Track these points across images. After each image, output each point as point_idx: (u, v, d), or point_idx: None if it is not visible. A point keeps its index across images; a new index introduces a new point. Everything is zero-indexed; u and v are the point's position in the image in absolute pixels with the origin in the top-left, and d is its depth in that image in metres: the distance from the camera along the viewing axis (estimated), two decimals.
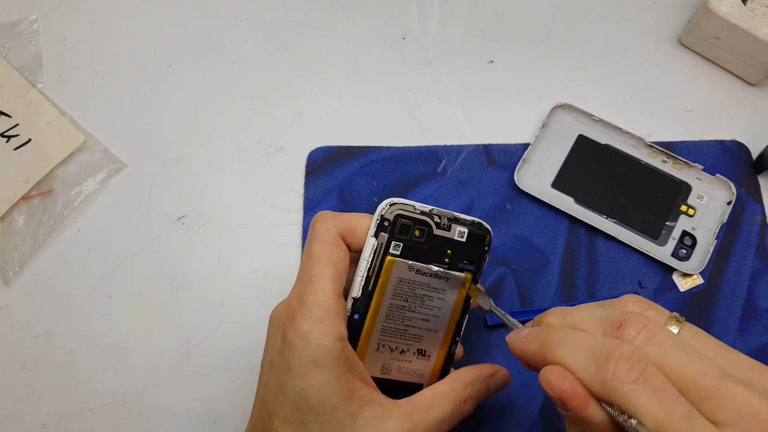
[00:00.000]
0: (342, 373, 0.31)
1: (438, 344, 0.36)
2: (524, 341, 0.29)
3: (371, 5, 0.56)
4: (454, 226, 0.35)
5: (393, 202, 0.34)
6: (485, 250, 0.36)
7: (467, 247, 0.35)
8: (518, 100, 0.53)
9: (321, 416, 0.30)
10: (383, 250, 0.34)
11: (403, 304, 0.35)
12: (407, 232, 0.34)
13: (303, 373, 0.31)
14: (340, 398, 0.31)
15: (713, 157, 0.50)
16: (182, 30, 0.56)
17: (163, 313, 0.47)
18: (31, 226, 0.49)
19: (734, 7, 0.48)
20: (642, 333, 0.25)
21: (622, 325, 0.26)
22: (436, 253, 0.35)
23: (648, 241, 0.47)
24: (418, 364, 0.36)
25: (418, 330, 0.36)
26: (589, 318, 0.28)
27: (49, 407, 0.45)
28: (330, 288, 0.32)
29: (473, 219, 0.36)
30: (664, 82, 0.53)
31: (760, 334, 0.45)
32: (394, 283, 0.34)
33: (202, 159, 0.52)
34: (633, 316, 0.26)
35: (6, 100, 0.52)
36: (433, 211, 0.35)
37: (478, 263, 0.36)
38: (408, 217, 0.34)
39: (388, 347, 0.35)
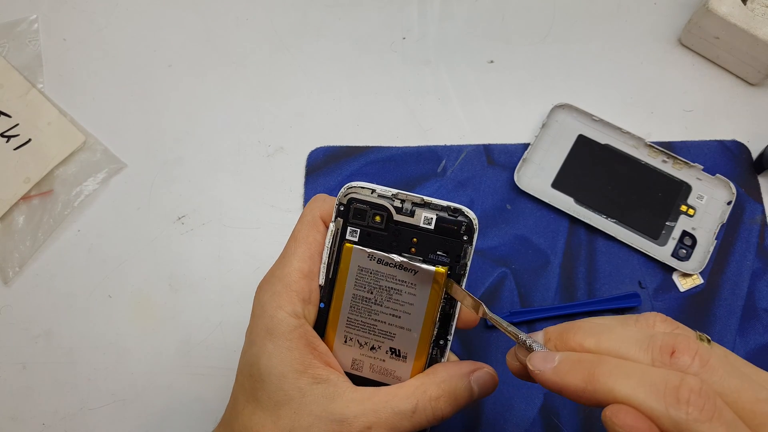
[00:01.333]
0: (294, 347, 0.30)
1: (414, 345, 0.33)
2: (562, 374, 0.26)
3: (371, 5, 0.56)
4: (419, 211, 0.31)
5: (350, 185, 0.32)
6: (463, 240, 0.31)
7: (437, 235, 0.31)
8: (518, 100, 0.53)
9: (268, 385, 0.30)
10: (339, 236, 0.32)
11: (367, 296, 0.32)
12: (363, 217, 0.32)
13: (257, 341, 0.31)
14: (289, 370, 0.30)
15: (713, 157, 0.50)
16: (182, 30, 0.56)
17: (163, 313, 0.47)
18: (31, 226, 0.49)
19: (734, 7, 0.48)
20: (696, 360, 0.24)
21: (675, 352, 0.24)
22: (400, 241, 0.31)
23: (648, 241, 0.47)
24: (393, 364, 0.33)
25: (387, 326, 0.33)
26: (628, 341, 0.26)
27: (49, 407, 0.45)
28: (296, 266, 0.32)
29: (448, 204, 0.31)
30: (664, 82, 0.53)
31: (760, 334, 0.45)
32: (355, 273, 0.32)
33: (202, 159, 0.52)
34: (683, 341, 0.25)
35: (6, 100, 0.52)
36: (397, 195, 0.31)
37: (455, 255, 0.31)
38: (363, 201, 0.32)
39: (357, 341, 0.33)
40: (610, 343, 0.26)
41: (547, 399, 0.44)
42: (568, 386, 0.26)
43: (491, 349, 0.45)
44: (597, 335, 0.27)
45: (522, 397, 0.44)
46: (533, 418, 0.43)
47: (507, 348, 0.45)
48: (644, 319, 0.28)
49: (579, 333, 0.27)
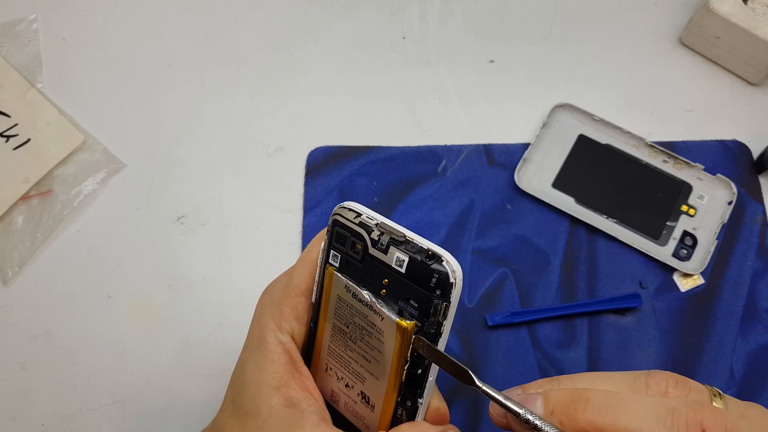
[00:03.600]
0: (276, 362, 0.30)
1: (381, 396, 0.29)
2: None
3: (371, 5, 0.56)
4: (392, 249, 0.27)
5: (341, 206, 0.29)
6: (436, 294, 0.26)
7: (407, 281, 0.26)
8: (518, 100, 0.52)
9: (244, 392, 0.30)
10: (325, 257, 0.29)
11: (344, 329, 0.29)
12: (344, 242, 0.28)
13: (250, 347, 0.31)
14: (264, 383, 0.30)
15: (714, 157, 0.50)
16: (182, 30, 0.56)
17: (163, 313, 0.47)
18: (30, 226, 0.49)
19: (735, 7, 0.48)
20: None
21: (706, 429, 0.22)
22: (373, 277, 0.28)
23: (648, 241, 0.47)
24: (363, 409, 0.30)
25: (360, 367, 0.29)
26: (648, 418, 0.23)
27: (49, 407, 0.45)
28: (296, 280, 0.31)
29: (428, 247, 0.26)
30: (665, 82, 0.53)
31: (761, 335, 0.45)
32: (335, 300, 0.29)
33: (202, 159, 0.51)
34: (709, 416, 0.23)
35: (5, 99, 0.52)
36: (380, 225, 0.27)
37: (425, 310, 0.26)
38: (344, 226, 0.28)
39: (335, 373, 0.31)
40: (628, 420, 0.23)
41: None
42: None
43: (492, 348, 0.45)
44: (612, 411, 0.24)
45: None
46: None
47: (508, 348, 0.45)
48: (655, 382, 0.25)
49: (589, 409, 0.24)
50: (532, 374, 0.44)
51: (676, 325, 0.45)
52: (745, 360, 0.44)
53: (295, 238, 0.49)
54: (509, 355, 0.45)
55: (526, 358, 0.44)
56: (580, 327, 0.45)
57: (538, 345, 0.45)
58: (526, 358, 0.44)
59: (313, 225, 0.49)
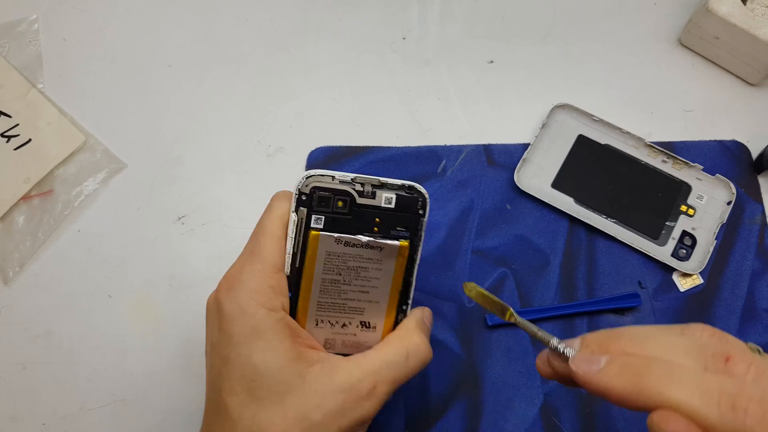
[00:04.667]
0: (284, 338, 0.31)
1: (382, 315, 0.35)
2: (609, 376, 0.25)
3: (371, 5, 0.56)
4: (379, 192, 0.33)
5: (309, 174, 0.33)
6: (420, 215, 0.34)
7: (398, 213, 0.34)
8: (518, 100, 0.53)
9: (267, 379, 0.30)
10: (304, 225, 0.33)
11: (336, 278, 0.34)
12: (327, 203, 0.33)
13: (245, 341, 0.31)
14: (285, 360, 0.31)
15: (713, 157, 0.50)
16: (182, 30, 0.56)
17: (163, 313, 0.47)
18: (31, 226, 0.49)
19: (734, 7, 0.48)
20: (752, 369, 0.23)
21: (731, 359, 0.24)
22: (363, 222, 0.34)
23: (648, 241, 0.47)
24: (364, 336, 0.36)
25: (357, 303, 0.35)
26: (676, 348, 0.25)
27: (49, 407, 0.45)
28: (270, 261, 0.32)
29: (403, 182, 0.34)
30: (664, 82, 0.53)
31: (760, 335, 0.45)
32: (323, 258, 0.34)
33: (202, 159, 0.52)
34: (737, 349, 0.24)
35: (6, 100, 0.52)
36: (355, 180, 0.33)
37: (414, 229, 0.34)
38: (326, 189, 0.33)
39: (328, 322, 0.35)
40: (657, 349, 0.25)
41: (547, 399, 0.44)
42: (613, 389, 0.24)
43: (492, 348, 0.45)
44: (641, 342, 0.26)
45: (522, 397, 0.44)
46: (534, 418, 0.43)
47: (508, 348, 0.45)
48: (690, 330, 0.26)
49: (621, 340, 0.26)
50: (532, 374, 0.44)
51: None
52: None
53: None
54: (509, 355, 0.45)
55: (525, 358, 0.45)
56: (579, 327, 0.45)
57: (537, 345, 0.45)
58: (525, 358, 0.45)
59: None
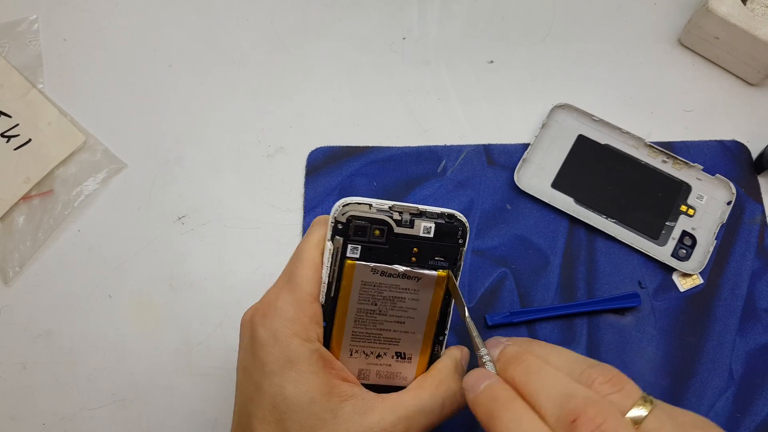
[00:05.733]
0: (318, 370, 0.30)
1: (419, 346, 0.34)
2: (475, 403, 0.28)
3: (371, 5, 0.56)
4: (417, 221, 0.32)
5: (346, 203, 0.32)
6: (459, 244, 0.33)
7: (436, 242, 0.32)
8: (518, 100, 0.53)
9: (299, 413, 0.30)
10: (340, 255, 0.32)
11: (372, 308, 0.33)
12: (364, 233, 0.32)
13: (278, 371, 0.30)
14: (317, 394, 0.30)
15: (713, 157, 0.50)
16: (182, 30, 0.56)
17: (163, 313, 0.47)
18: (31, 226, 0.49)
19: (734, 7, 0.48)
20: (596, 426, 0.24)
21: (577, 421, 0.24)
22: (401, 252, 0.32)
23: (648, 241, 0.47)
24: (399, 367, 0.35)
25: (392, 333, 0.34)
26: (551, 392, 0.26)
27: (49, 407, 0.45)
28: (306, 289, 0.32)
29: (442, 211, 0.32)
30: (664, 82, 0.53)
31: (760, 335, 0.45)
32: (358, 288, 0.33)
33: (202, 159, 0.52)
34: (592, 411, 0.24)
35: (6, 100, 0.52)
36: (393, 208, 0.32)
37: (453, 259, 0.33)
38: (363, 218, 0.32)
39: (363, 353, 0.34)
40: (536, 387, 0.27)
41: None
42: (476, 415, 0.28)
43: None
44: (531, 376, 0.27)
45: None
46: None
47: None
48: (588, 374, 0.27)
49: (519, 368, 0.28)
50: None
51: (675, 324, 0.45)
52: (744, 360, 0.44)
53: (295, 238, 0.49)
54: None
55: None
56: (579, 327, 0.45)
57: None
58: None
59: None
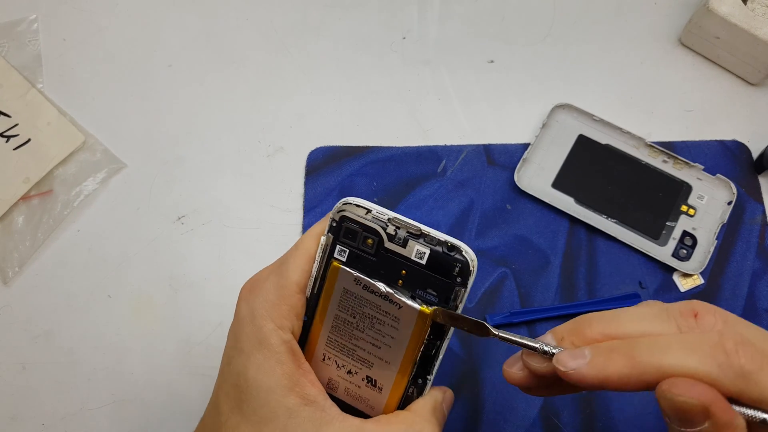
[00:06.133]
0: (284, 361, 0.29)
1: (391, 379, 0.31)
2: (600, 366, 0.25)
3: (371, 5, 0.56)
4: (412, 242, 0.28)
5: (346, 201, 0.30)
6: (456, 282, 0.28)
7: (428, 272, 0.29)
8: (518, 100, 0.53)
9: (255, 398, 0.29)
10: (328, 253, 0.30)
11: (349, 320, 0.30)
12: (354, 238, 0.29)
13: (246, 350, 0.30)
14: (277, 386, 0.29)
15: (714, 157, 0.50)
16: (182, 30, 0.56)
17: (163, 313, 0.47)
18: (30, 226, 0.49)
19: (735, 7, 0.48)
20: (718, 317, 0.24)
21: (699, 314, 0.25)
22: (389, 270, 0.29)
23: (648, 241, 0.47)
24: (368, 393, 0.32)
25: (367, 354, 0.31)
26: (646, 318, 0.25)
27: (49, 407, 0.45)
28: (295, 278, 0.31)
29: (446, 239, 0.28)
30: (665, 82, 0.53)
31: None
32: (339, 293, 0.30)
33: (202, 159, 0.52)
34: (698, 304, 0.25)
35: (5, 100, 0.52)
36: (392, 220, 0.29)
37: (445, 297, 0.29)
38: (354, 221, 0.29)
39: (335, 362, 0.32)
40: (630, 324, 0.26)
41: (547, 399, 0.43)
42: (610, 376, 0.24)
43: (492, 350, 0.45)
44: (614, 321, 0.26)
45: (522, 397, 0.44)
46: (533, 418, 0.43)
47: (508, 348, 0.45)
48: (645, 303, 0.28)
49: (594, 324, 0.26)
50: None
51: None
52: None
53: (295, 238, 0.49)
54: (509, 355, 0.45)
55: None
56: None
57: None
58: None
59: None
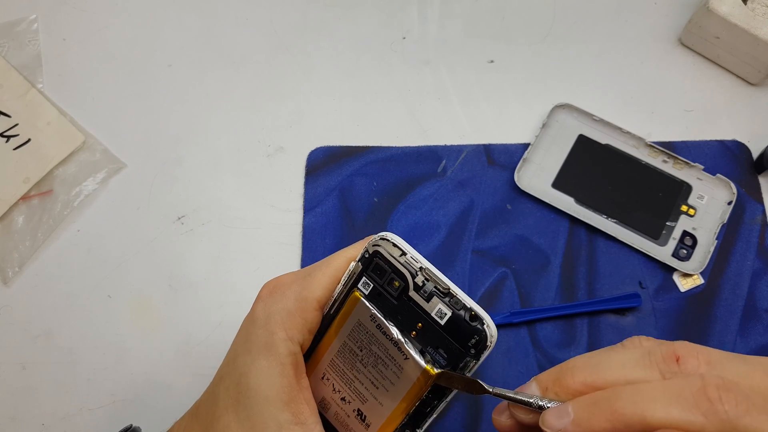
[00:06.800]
0: (286, 374, 0.29)
1: (381, 420, 0.30)
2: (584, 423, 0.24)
3: (371, 5, 0.56)
4: (435, 299, 0.28)
5: (384, 237, 0.29)
6: (470, 353, 0.27)
7: (444, 333, 0.28)
8: (518, 100, 0.53)
9: (251, 404, 0.29)
10: (353, 280, 0.30)
11: (356, 351, 0.30)
12: (381, 275, 0.29)
13: (254, 351, 0.30)
14: (274, 398, 0.29)
15: (714, 157, 0.50)
16: (182, 30, 0.56)
17: (163, 313, 0.47)
18: (30, 226, 0.49)
19: (735, 7, 0.48)
20: (701, 359, 0.24)
21: (681, 359, 0.24)
22: (406, 317, 0.28)
23: (648, 241, 0.47)
24: (356, 424, 0.32)
25: (364, 389, 0.31)
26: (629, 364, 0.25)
27: (49, 407, 0.45)
28: (317, 294, 0.30)
29: (471, 306, 0.27)
30: (665, 82, 0.53)
31: (761, 335, 0.45)
32: (353, 323, 0.30)
33: (202, 159, 0.52)
34: (680, 346, 0.24)
35: (5, 100, 0.52)
36: (424, 270, 0.28)
37: (455, 363, 0.28)
38: (386, 260, 0.29)
39: (332, 385, 0.31)
40: (613, 371, 0.25)
41: None
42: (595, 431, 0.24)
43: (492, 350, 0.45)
44: (596, 368, 0.25)
45: None
46: None
47: (507, 348, 0.45)
48: (629, 342, 0.27)
49: (576, 374, 0.26)
50: (532, 374, 0.44)
51: (675, 325, 0.45)
52: None
53: (295, 238, 0.49)
54: (509, 356, 0.45)
55: (525, 358, 0.44)
56: (579, 327, 0.45)
57: (537, 345, 0.45)
58: (525, 358, 0.44)
59: (314, 225, 0.49)
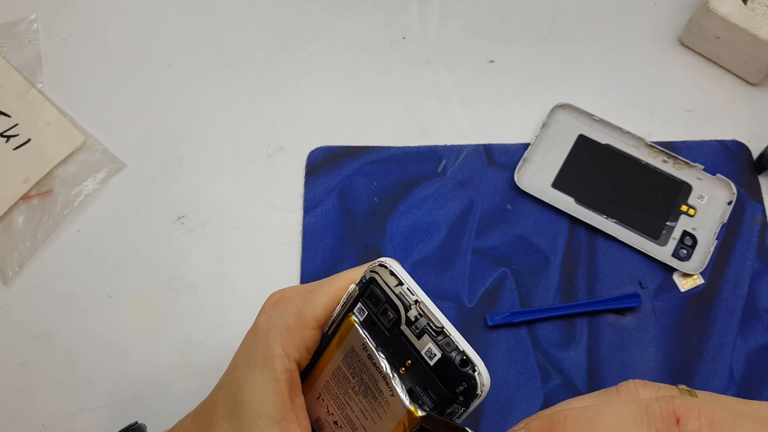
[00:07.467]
0: (280, 390, 0.29)
1: None
2: None
3: (371, 5, 0.56)
4: (426, 337, 0.25)
5: (382, 264, 0.27)
6: (458, 400, 0.25)
7: (433, 374, 0.25)
8: (518, 100, 0.53)
9: (244, 418, 0.29)
10: (350, 304, 0.28)
11: (349, 377, 0.28)
12: (376, 304, 0.27)
13: (252, 364, 0.29)
14: (267, 414, 0.28)
15: (714, 157, 0.50)
16: (182, 30, 0.56)
17: (163, 313, 0.47)
18: (30, 226, 0.49)
19: (735, 7, 0.48)
20: (703, 419, 0.23)
21: (681, 419, 0.23)
22: (396, 351, 0.26)
23: (648, 241, 0.47)
24: None
25: (354, 417, 0.29)
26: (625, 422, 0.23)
27: (49, 407, 0.45)
28: (316, 314, 0.30)
29: (464, 349, 0.25)
30: (665, 82, 0.53)
31: (761, 335, 0.45)
32: (347, 349, 0.28)
33: (202, 159, 0.52)
34: (680, 404, 0.23)
35: (5, 99, 0.52)
36: (418, 304, 0.26)
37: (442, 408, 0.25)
38: (381, 288, 0.27)
39: (327, 406, 0.30)
40: (607, 428, 0.24)
41: (547, 399, 0.43)
42: None
43: (492, 349, 0.45)
44: (590, 423, 0.24)
45: (522, 397, 0.44)
46: None
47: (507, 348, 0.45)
48: (625, 389, 0.26)
49: (569, 426, 0.24)
50: (531, 374, 0.44)
51: (675, 325, 0.45)
52: (745, 360, 0.44)
53: (295, 238, 0.49)
54: (509, 355, 0.45)
55: (526, 358, 0.44)
56: (579, 327, 0.45)
57: (537, 345, 0.45)
58: (526, 358, 0.44)
59: (314, 225, 0.49)
